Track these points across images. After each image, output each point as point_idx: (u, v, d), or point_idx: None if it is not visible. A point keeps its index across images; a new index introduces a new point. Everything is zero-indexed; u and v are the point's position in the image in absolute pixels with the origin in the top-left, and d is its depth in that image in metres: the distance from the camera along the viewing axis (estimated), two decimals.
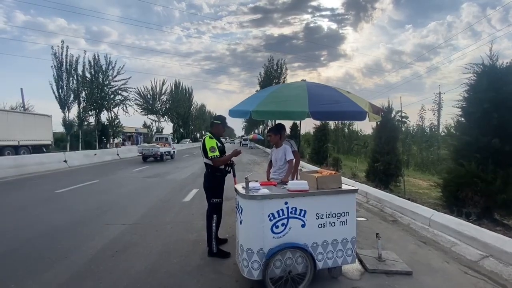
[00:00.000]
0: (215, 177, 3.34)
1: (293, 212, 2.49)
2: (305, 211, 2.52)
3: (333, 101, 3.86)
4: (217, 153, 3.20)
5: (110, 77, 27.24)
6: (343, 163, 13.65)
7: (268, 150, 29.39)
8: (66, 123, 24.13)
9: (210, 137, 3.30)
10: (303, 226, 2.52)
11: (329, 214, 2.59)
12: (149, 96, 41.18)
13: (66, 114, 23.68)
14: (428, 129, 24.23)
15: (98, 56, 26.05)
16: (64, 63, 23.28)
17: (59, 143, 26.28)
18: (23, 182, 8.78)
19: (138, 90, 40.00)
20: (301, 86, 4.31)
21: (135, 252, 3.42)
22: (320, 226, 2.56)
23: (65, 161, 12.58)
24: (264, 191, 2.54)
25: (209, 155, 3.18)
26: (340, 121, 28.93)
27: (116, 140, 35.74)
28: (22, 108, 28.45)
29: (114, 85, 27.96)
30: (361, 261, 3.12)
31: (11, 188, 7.83)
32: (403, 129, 8.58)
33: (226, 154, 3.42)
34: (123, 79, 28.23)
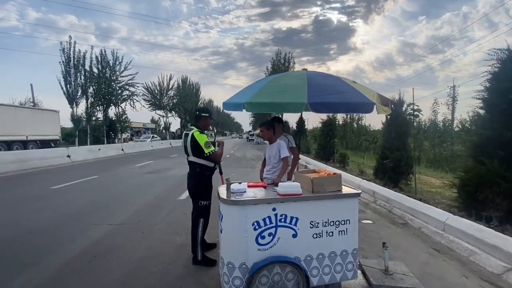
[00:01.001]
0: (204, 177, 2.98)
1: (283, 220, 2.11)
2: (297, 219, 2.14)
3: (336, 91, 3.44)
4: (213, 148, 2.85)
5: (118, 73, 27.27)
6: (351, 159, 13.13)
7: None
8: (75, 119, 24.32)
9: (200, 132, 2.89)
10: (294, 236, 2.14)
11: (326, 222, 2.20)
12: (156, 92, 41.21)
13: (74, 109, 23.83)
14: (441, 124, 23.24)
15: (105, 52, 26.05)
16: (72, 59, 23.40)
17: (69, 138, 26.64)
18: (22, 177, 8.69)
19: (146, 85, 40.06)
20: (301, 75, 3.89)
21: (114, 257, 3.13)
22: (315, 236, 2.18)
23: (68, 156, 12.53)
24: (249, 194, 2.17)
25: (206, 152, 2.81)
26: (348, 116, 28.22)
27: (124, 135, 35.99)
28: (32, 104, 28.89)
29: (121, 80, 27.99)
30: (364, 274, 2.72)
31: (8, 183, 7.73)
32: (415, 123, 8.02)
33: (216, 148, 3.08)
34: (130, 74, 28.22)
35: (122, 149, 17.82)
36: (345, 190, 2.36)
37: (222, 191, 2.22)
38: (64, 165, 11.63)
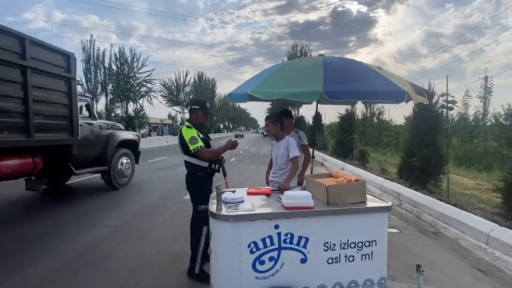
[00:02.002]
0: (196, 179, 2.56)
1: (288, 241, 1.64)
2: (306, 239, 1.66)
3: (358, 77, 2.89)
4: (200, 143, 2.43)
5: (135, 69, 27.65)
6: (371, 157, 12.32)
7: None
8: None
9: (187, 127, 2.52)
10: (303, 261, 1.67)
11: (344, 243, 1.70)
12: (173, 88, 41.59)
13: (95, 105, 24.40)
14: (471, 118, 21.44)
15: (123, 49, 26.46)
16: (92, 57, 23.99)
17: None
18: None
19: (163, 81, 40.51)
20: (316, 61, 3.35)
21: (102, 267, 2.81)
22: (330, 261, 1.69)
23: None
24: (245, 206, 1.72)
25: (191, 148, 2.39)
26: (368, 110, 26.90)
27: (142, 131, 36.73)
28: None
29: (139, 77, 28.38)
30: None
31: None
32: (448, 117, 7.17)
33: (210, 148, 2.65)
34: (147, 71, 28.55)
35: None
36: (371, 201, 1.84)
37: (213, 201, 1.78)
38: None
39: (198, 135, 2.50)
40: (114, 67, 25.76)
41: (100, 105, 24.99)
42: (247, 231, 1.59)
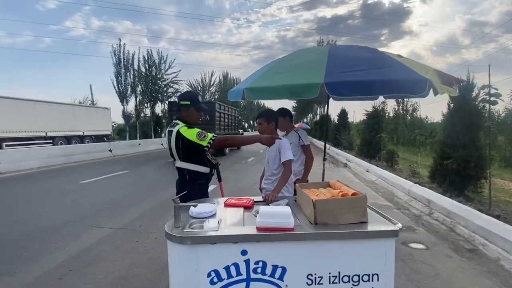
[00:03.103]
0: (196, 187, 2.13)
1: (260, 271, 1.30)
2: (284, 270, 1.30)
3: (371, 65, 2.44)
4: (210, 136, 2.00)
5: (163, 71, 28.61)
6: (401, 157, 11.32)
7: (315, 140, 27.41)
8: (125, 115, 26.27)
9: (188, 127, 2.04)
10: None
11: (335, 277, 1.32)
12: (199, 88, 42.52)
13: (125, 106, 25.71)
14: None
15: (151, 51, 27.52)
16: (122, 60, 25.24)
17: (121, 133, 28.95)
18: (62, 170, 9.22)
19: (189, 82, 41.59)
20: (321, 50, 2.94)
21: (89, 274, 2.67)
22: None
23: (110, 150, 13.23)
24: (211, 224, 1.40)
25: (205, 143, 1.96)
26: (400, 107, 25.13)
27: None
28: (91, 103, 32.07)
29: (166, 78, 29.33)
30: None
31: (46, 176, 8.21)
32: (491, 113, 6.21)
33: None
34: (174, 72, 29.41)
35: (162, 144, 18.45)
36: (374, 222, 1.43)
37: (170, 222, 1.47)
38: (105, 159, 12.27)
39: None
40: (142, 69, 26.85)
41: (130, 107, 26.16)
42: (207, 256, 1.28)
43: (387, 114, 24.52)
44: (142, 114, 28.75)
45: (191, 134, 2.00)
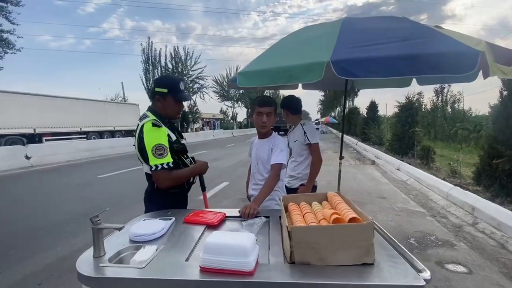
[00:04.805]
0: (164, 198, 1.71)
1: None
2: None
3: (394, 38, 1.85)
4: (168, 159, 1.55)
5: (189, 67, 29.08)
6: (440, 154, 10.10)
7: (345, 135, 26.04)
8: None
9: (153, 124, 1.58)
10: None
11: None
12: (224, 84, 42.74)
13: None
14: None
15: (177, 48, 28.12)
16: (150, 57, 26.05)
17: None
18: (85, 164, 9.54)
19: (215, 77, 42.00)
20: (332, 24, 2.37)
21: (68, 282, 2.45)
22: None
23: (134, 145, 13.53)
24: (144, 255, 1.00)
25: (152, 163, 1.54)
26: (440, 98, 22.83)
27: (195, 125, 38.78)
28: (122, 99, 33.67)
29: (192, 74, 29.80)
30: None
31: (68, 171, 8.47)
32: None
33: (187, 160, 1.78)
34: (200, 68, 29.82)
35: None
36: (383, 267, 0.92)
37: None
38: (128, 153, 12.57)
39: (170, 139, 1.64)
40: (170, 65, 27.47)
41: None
42: None
43: (423, 106, 22.48)
44: None
45: (151, 139, 1.55)
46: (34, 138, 13.76)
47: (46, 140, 14.02)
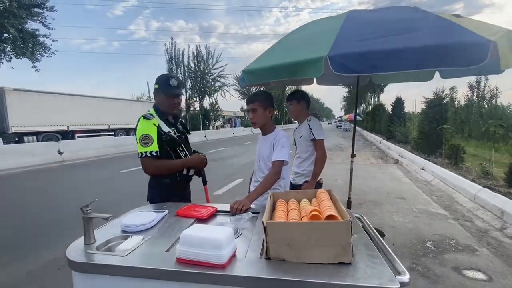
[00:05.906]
0: (158, 187, 1.86)
1: None
2: None
3: (398, 29, 1.76)
4: (153, 147, 1.73)
5: (210, 66, 29.62)
6: (472, 153, 9.42)
7: (365, 132, 25.17)
8: None
9: (144, 117, 1.80)
10: None
11: None
12: None
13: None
14: None
15: (199, 47, 28.72)
16: (173, 57, 26.88)
17: None
18: (111, 160, 10.08)
19: (235, 75, 42.32)
20: (338, 17, 2.31)
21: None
22: None
23: None
24: (128, 244, 1.04)
25: (138, 151, 1.75)
26: (475, 93, 21.22)
27: (217, 123, 39.44)
28: (148, 98, 35.05)
29: (213, 72, 30.33)
30: None
31: (95, 166, 9.00)
32: None
33: (182, 152, 1.89)
34: (221, 67, 30.26)
35: (205, 136, 19.05)
36: (361, 267, 0.88)
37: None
38: None
39: (160, 129, 1.78)
40: (192, 64, 28.16)
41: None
42: None
43: (456, 102, 21.00)
44: (191, 108, 30.33)
45: (139, 131, 1.76)
46: (67, 135, 14.82)
47: (78, 136, 15.04)
